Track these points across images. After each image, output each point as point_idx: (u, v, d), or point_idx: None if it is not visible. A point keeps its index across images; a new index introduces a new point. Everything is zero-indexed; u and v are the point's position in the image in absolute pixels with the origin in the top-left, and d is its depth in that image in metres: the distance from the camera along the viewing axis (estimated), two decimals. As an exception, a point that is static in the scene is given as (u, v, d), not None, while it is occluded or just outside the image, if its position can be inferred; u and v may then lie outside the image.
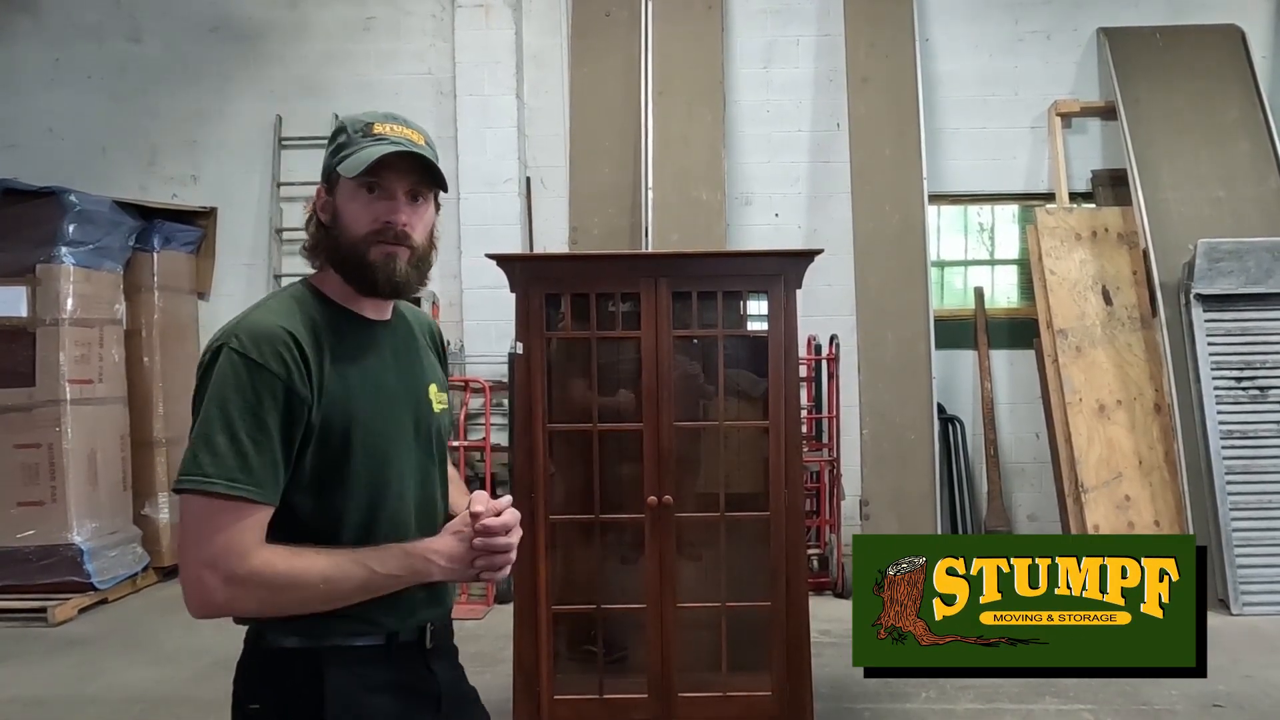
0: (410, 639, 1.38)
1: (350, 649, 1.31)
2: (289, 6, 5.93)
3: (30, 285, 4.85)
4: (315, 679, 1.29)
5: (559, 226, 5.68)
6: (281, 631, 1.30)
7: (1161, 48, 5.53)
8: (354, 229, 1.32)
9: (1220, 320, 4.73)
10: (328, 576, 1.23)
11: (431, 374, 1.48)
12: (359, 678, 1.31)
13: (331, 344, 1.31)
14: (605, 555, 3.00)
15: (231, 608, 1.24)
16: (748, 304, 3.00)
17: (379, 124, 1.34)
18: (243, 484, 1.19)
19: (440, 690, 1.43)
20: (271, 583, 1.21)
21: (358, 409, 1.31)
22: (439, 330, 1.60)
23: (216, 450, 1.19)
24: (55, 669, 3.95)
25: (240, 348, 1.24)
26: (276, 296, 1.38)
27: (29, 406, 4.80)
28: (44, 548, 4.72)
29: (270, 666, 1.31)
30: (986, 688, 3.53)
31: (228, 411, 1.21)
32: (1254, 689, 3.50)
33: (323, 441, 1.28)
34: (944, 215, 5.96)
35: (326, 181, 1.37)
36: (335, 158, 1.34)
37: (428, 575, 1.31)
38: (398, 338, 1.44)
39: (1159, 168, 5.20)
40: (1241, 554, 4.47)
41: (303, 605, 1.25)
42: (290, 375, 1.24)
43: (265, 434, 1.21)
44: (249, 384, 1.22)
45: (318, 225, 1.36)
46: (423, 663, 1.41)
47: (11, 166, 5.49)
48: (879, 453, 5.01)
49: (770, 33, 5.84)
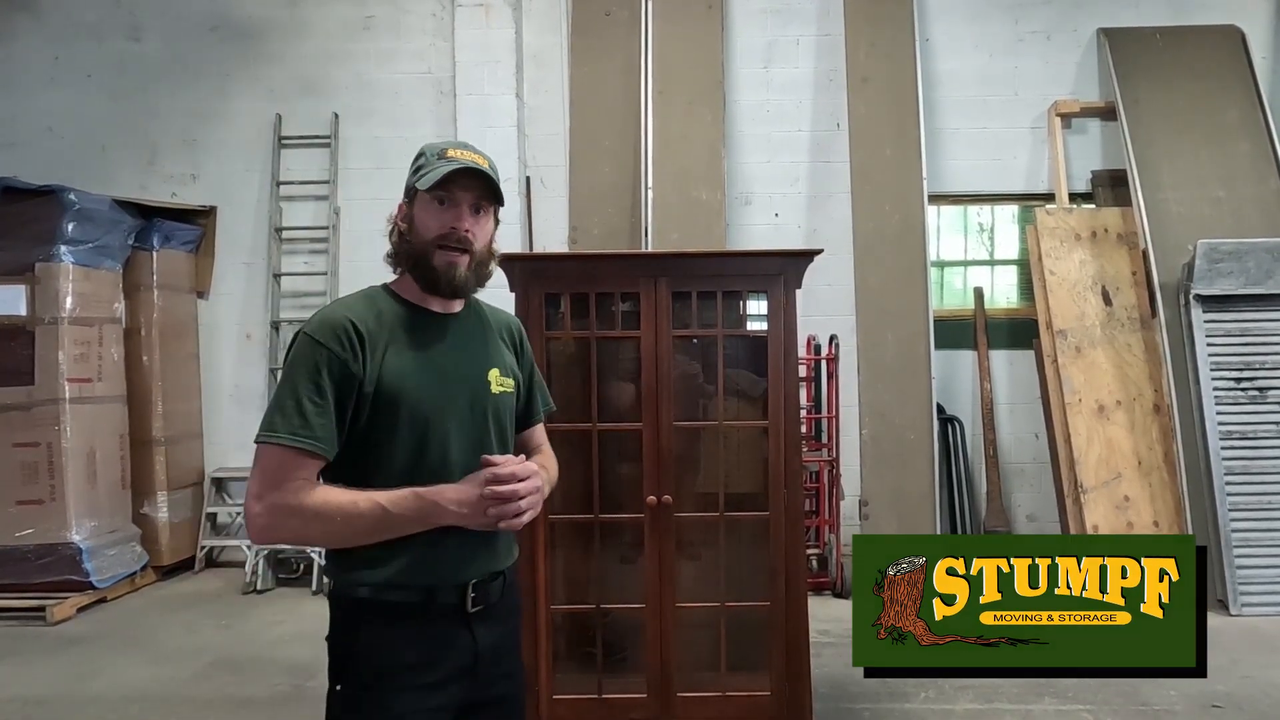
0: (450, 600, 1.55)
1: (388, 604, 1.52)
2: (288, 5, 5.93)
3: (29, 284, 4.85)
4: (355, 625, 1.53)
5: (558, 226, 5.68)
6: (344, 584, 1.55)
7: (1161, 48, 5.53)
8: (424, 234, 1.60)
9: (1220, 321, 4.73)
10: (346, 512, 1.45)
11: (496, 359, 1.70)
12: (391, 627, 1.52)
13: (395, 331, 1.57)
14: (605, 555, 3.00)
15: (273, 534, 1.50)
16: (747, 304, 3.00)
17: (452, 149, 1.61)
18: (303, 437, 1.46)
19: (478, 653, 1.57)
20: (301, 512, 1.44)
21: (408, 383, 1.54)
22: (519, 327, 1.84)
23: (285, 411, 1.47)
24: (54, 668, 3.95)
25: (311, 331, 1.53)
26: (352, 295, 1.64)
27: (28, 405, 4.80)
28: (43, 546, 4.72)
29: (336, 611, 1.57)
30: (985, 688, 3.54)
31: (295, 381, 1.49)
32: (1253, 689, 3.50)
33: (375, 408, 1.52)
34: (944, 215, 5.96)
35: (408, 197, 1.64)
36: (414, 176, 1.62)
37: (440, 518, 1.48)
38: (464, 329, 1.67)
39: (1159, 168, 5.20)
40: (1241, 555, 4.48)
41: (327, 538, 1.50)
42: (346, 354, 1.50)
43: (324, 398, 1.49)
44: (312, 359, 1.50)
45: (399, 235, 1.63)
46: (462, 623, 1.56)
47: (11, 165, 5.48)
48: (878, 453, 5.01)
49: (770, 32, 5.83)
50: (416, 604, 1.53)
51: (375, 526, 1.46)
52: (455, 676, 1.55)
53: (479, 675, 1.58)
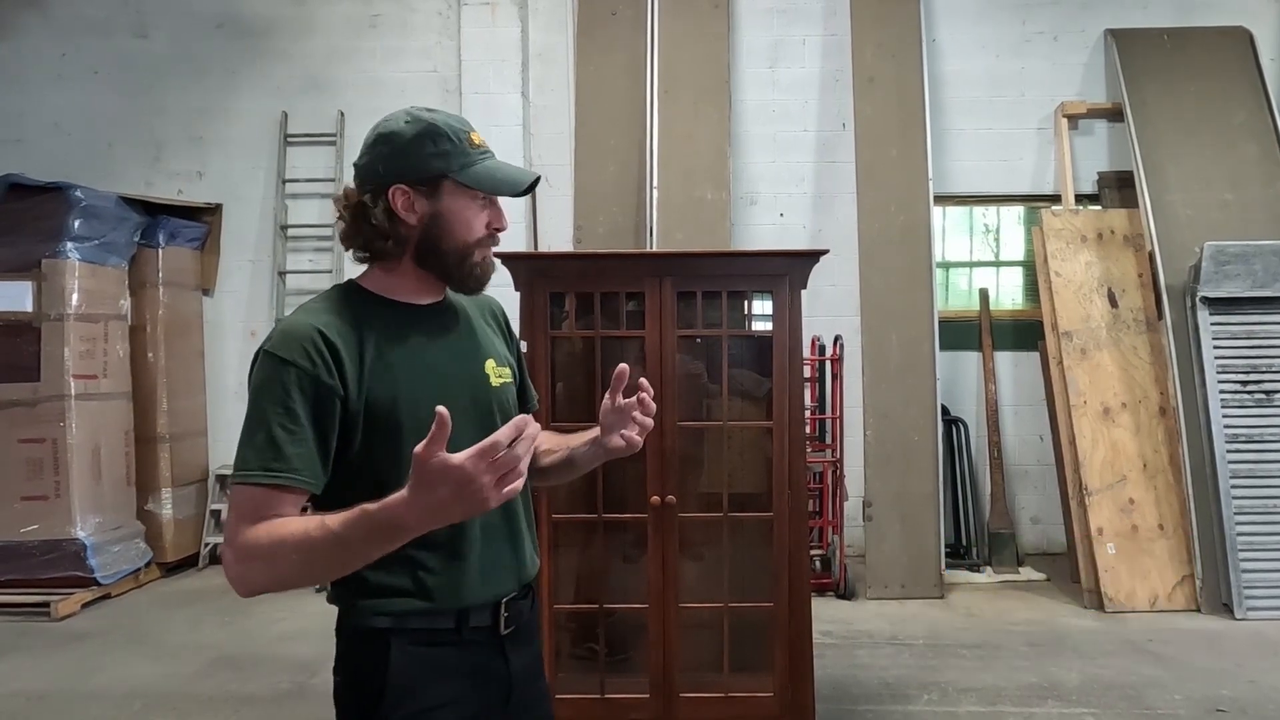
0: (483, 622, 1.38)
1: (418, 631, 1.33)
2: (295, 3, 5.94)
3: (36, 280, 4.86)
4: (381, 660, 1.32)
5: (563, 225, 5.68)
6: (356, 612, 1.34)
7: (1169, 49, 5.51)
8: (466, 234, 1.40)
9: (1226, 323, 4.71)
10: (298, 544, 1.20)
11: (489, 349, 1.50)
12: (424, 659, 1.33)
13: (374, 333, 1.35)
14: (608, 555, 3.00)
15: (246, 585, 1.25)
16: (752, 304, 2.99)
17: (473, 133, 1.42)
18: (276, 471, 1.25)
19: (512, 681, 1.42)
20: (260, 555, 1.22)
21: (404, 388, 1.34)
22: (499, 307, 1.63)
23: (255, 445, 1.26)
24: (58, 664, 3.96)
25: (272, 348, 1.31)
26: (317, 298, 1.43)
27: (33, 401, 4.81)
28: (47, 542, 4.73)
29: (347, 644, 1.37)
30: (989, 691, 3.53)
31: (261, 408, 1.28)
32: (1258, 694, 3.48)
33: (370, 424, 1.32)
34: (949, 216, 5.95)
35: (424, 183, 1.38)
36: (443, 160, 1.37)
37: (402, 527, 1.14)
38: (448, 318, 1.47)
39: (1166, 170, 5.18)
40: (1246, 558, 4.46)
41: (296, 577, 1.24)
42: (317, 368, 1.29)
43: (296, 423, 1.27)
44: (278, 380, 1.28)
45: (406, 225, 1.38)
46: (497, 649, 1.40)
47: (18, 161, 5.50)
48: (882, 454, 5.00)
49: (776, 32, 5.83)
50: (446, 630, 1.34)
51: (332, 557, 1.20)
52: (492, 709, 1.40)
53: (512, 704, 1.43)
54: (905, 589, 4.82)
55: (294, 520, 1.24)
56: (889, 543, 4.91)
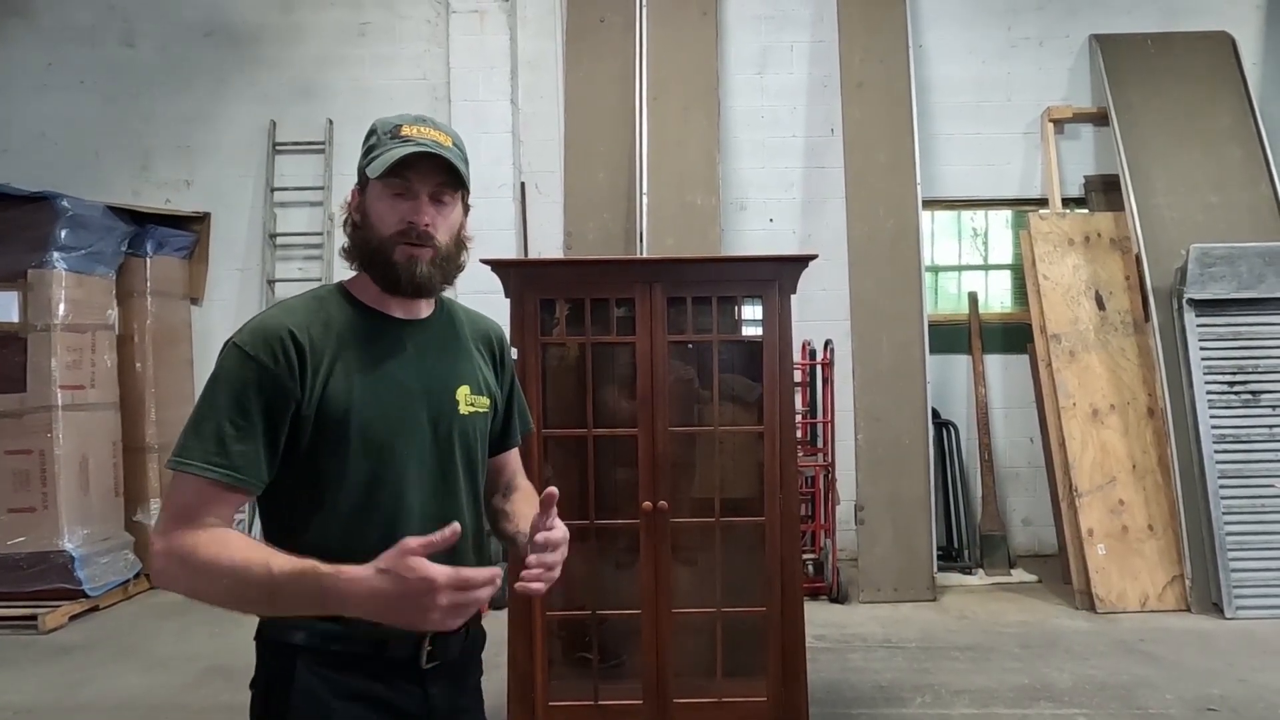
0: (403, 654, 1.33)
1: (327, 652, 1.29)
2: (283, 11, 5.93)
3: (22, 290, 4.82)
4: (288, 676, 1.30)
5: (553, 231, 5.68)
6: (274, 625, 1.32)
7: (1153, 54, 5.56)
8: (380, 229, 1.36)
9: (1212, 325, 4.74)
10: (237, 575, 1.17)
11: (467, 374, 1.45)
12: (329, 682, 1.30)
13: (345, 341, 1.34)
14: (600, 561, 3.00)
15: (168, 581, 1.23)
16: (742, 309, 3.00)
17: (407, 126, 1.36)
18: (217, 466, 1.23)
19: (431, 717, 1.37)
20: (191, 565, 1.20)
21: (358, 400, 1.32)
22: (500, 336, 1.58)
23: (201, 434, 1.25)
24: (46, 676, 3.92)
25: (240, 341, 1.30)
26: (299, 296, 1.42)
27: (20, 412, 4.78)
28: (35, 554, 4.69)
29: (260, 655, 1.35)
30: (981, 693, 3.54)
31: (215, 399, 1.26)
32: (1248, 693, 3.50)
33: (319, 430, 1.30)
34: (938, 220, 5.98)
35: (360, 184, 1.40)
36: (365, 159, 1.37)
37: (344, 602, 1.13)
38: (430, 337, 1.43)
39: (1151, 173, 5.22)
40: (1235, 557, 4.49)
41: (218, 598, 1.21)
42: (280, 370, 1.27)
43: (247, 419, 1.25)
44: (239, 375, 1.27)
45: (352, 227, 1.40)
46: (415, 681, 1.35)
47: (3, 171, 5.47)
48: (874, 457, 5.01)
49: (765, 38, 5.85)
50: (361, 655, 1.30)
51: (261, 599, 1.18)
52: None
53: None
54: (898, 592, 4.83)
55: (238, 544, 1.20)
56: (881, 546, 4.92)
